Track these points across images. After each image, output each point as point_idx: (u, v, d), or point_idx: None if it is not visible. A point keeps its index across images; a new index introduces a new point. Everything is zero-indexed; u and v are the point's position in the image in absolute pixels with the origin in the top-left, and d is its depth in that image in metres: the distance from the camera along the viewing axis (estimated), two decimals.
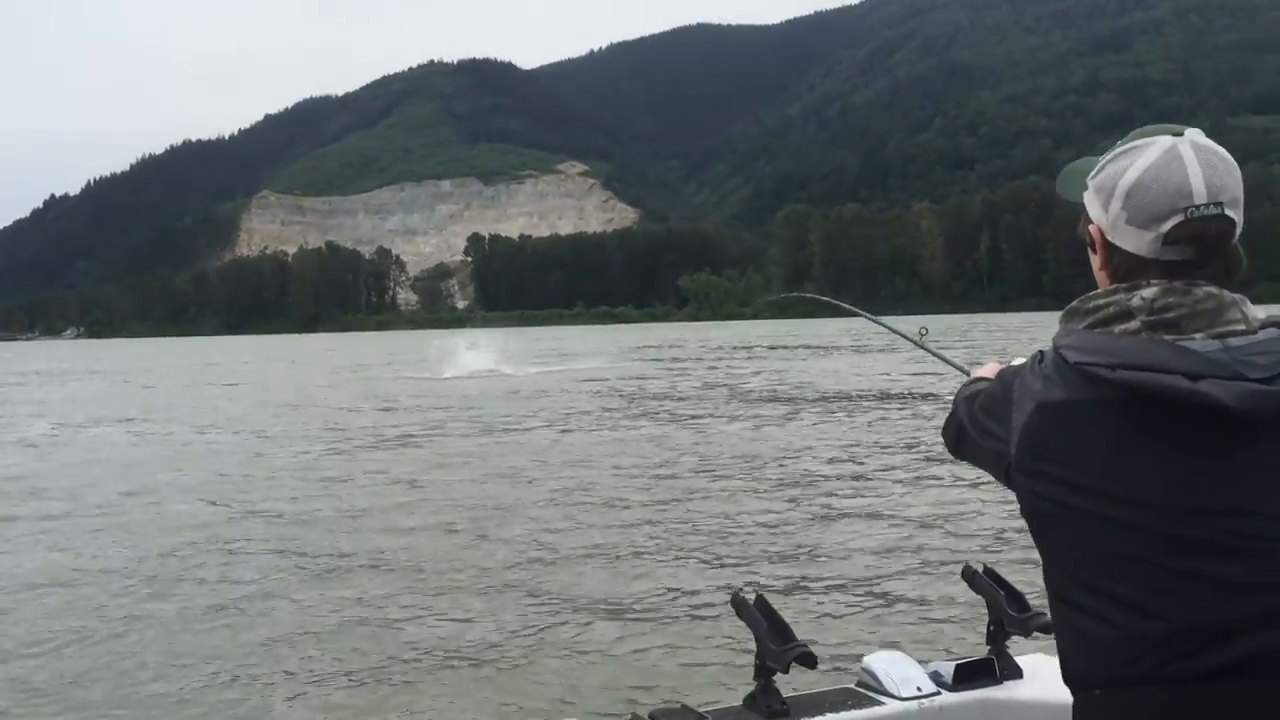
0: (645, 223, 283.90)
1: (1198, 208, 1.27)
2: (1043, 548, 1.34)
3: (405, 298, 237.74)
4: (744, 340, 60.94)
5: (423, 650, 6.14)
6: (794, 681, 2.24)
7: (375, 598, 7.28)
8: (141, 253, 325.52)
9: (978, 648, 2.41)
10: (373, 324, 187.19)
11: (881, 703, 2.21)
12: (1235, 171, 1.31)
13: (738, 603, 2.24)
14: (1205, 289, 1.28)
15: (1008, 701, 2.26)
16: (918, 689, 2.23)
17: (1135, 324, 1.28)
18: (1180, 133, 1.32)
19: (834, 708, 2.19)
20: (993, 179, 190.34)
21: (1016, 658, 2.34)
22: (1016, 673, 2.31)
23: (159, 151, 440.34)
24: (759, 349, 48.48)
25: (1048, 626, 1.79)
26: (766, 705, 2.14)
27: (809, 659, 2.08)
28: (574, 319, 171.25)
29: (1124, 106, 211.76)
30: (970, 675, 2.29)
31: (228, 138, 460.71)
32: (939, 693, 2.25)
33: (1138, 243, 1.32)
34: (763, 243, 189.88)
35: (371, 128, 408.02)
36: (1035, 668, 2.31)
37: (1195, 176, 1.28)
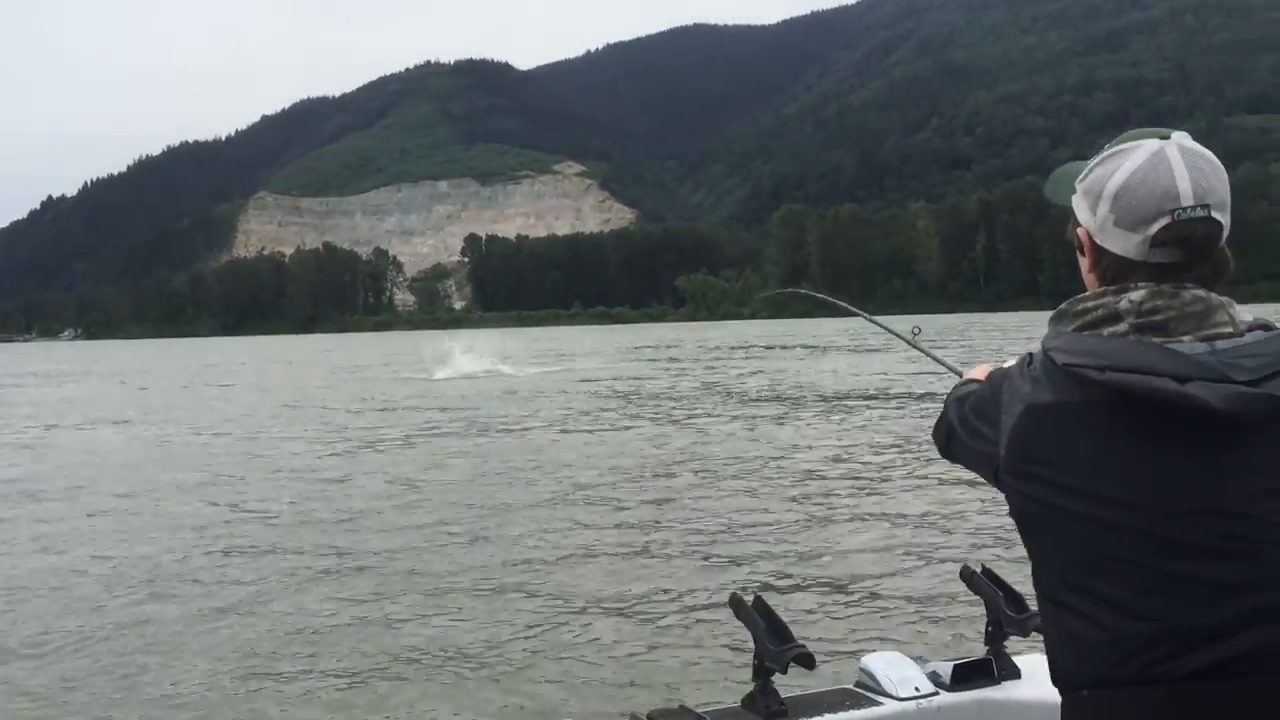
0: (642, 223, 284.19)
1: (1185, 210, 1.29)
2: (1031, 549, 1.36)
3: (402, 298, 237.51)
4: (741, 340, 60.91)
5: (422, 650, 6.14)
6: (792, 682, 2.25)
7: (374, 598, 7.27)
8: (139, 254, 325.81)
9: (976, 648, 2.41)
10: (370, 325, 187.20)
11: (880, 703, 2.22)
12: (1222, 174, 1.32)
13: (736, 603, 2.24)
14: (1193, 292, 1.29)
15: (1006, 702, 2.26)
16: (916, 689, 2.24)
17: (1124, 326, 1.29)
18: (1167, 136, 1.34)
19: (832, 708, 2.19)
20: (989, 179, 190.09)
21: (1014, 658, 2.34)
22: (1014, 673, 2.32)
23: (156, 153, 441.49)
24: (756, 349, 48.47)
25: None
26: (765, 705, 2.15)
27: (807, 659, 2.09)
28: (571, 319, 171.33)
29: (1120, 106, 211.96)
30: (968, 675, 2.29)
31: (224, 139, 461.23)
32: (937, 693, 2.25)
33: (1125, 245, 1.33)
34: (759, 243, 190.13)
35: (368, 128, 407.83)
36: (1033, 668, 2.31)
37: (1182, 179, 1.29)
